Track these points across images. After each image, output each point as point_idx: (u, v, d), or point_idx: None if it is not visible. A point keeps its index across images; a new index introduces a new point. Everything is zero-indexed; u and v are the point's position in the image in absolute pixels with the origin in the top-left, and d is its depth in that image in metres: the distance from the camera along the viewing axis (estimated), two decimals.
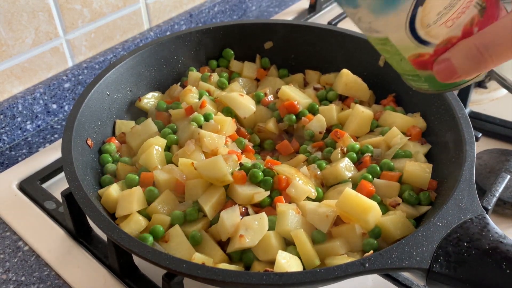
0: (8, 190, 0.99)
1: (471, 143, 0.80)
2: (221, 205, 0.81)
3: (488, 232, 0.65)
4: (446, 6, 0.54)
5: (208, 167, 0.80)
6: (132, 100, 1.03)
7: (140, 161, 0.88)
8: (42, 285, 0.84)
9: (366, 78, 1.03)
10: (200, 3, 1.48)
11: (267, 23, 1.13)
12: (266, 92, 1.03)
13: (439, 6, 0.54)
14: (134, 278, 0.82)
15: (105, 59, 1.26)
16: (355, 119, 0.94)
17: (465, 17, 0.56)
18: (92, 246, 0.88)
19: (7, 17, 1.06)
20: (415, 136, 0.92)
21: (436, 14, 0.55)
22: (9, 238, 0.91)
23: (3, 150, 1.13)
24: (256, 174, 0.81)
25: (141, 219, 0.79)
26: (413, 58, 0.58)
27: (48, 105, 1.18)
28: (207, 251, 0.76)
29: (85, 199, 0.74)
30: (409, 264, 0.64)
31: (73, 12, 1.17)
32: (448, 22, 0.55)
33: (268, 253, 0.73)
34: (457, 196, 0.72)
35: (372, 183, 0.83)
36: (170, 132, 0.94)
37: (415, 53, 0.57)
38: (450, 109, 0.87)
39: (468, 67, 0.52)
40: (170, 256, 0.66)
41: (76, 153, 0.81)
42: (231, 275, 0.63)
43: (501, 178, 0.87)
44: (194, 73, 1.09)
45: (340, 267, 0.63)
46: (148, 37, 1.34)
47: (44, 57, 1.17)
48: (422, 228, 0.68)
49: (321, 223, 0.76)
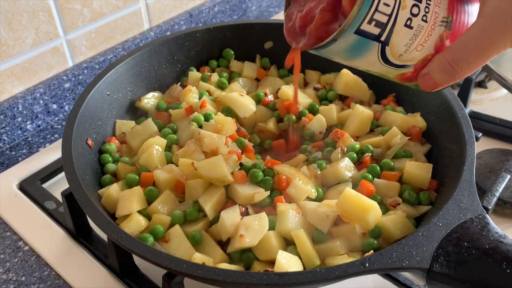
0: (8, 190, 0.99)
1: (471, 143, 0.80)
2: (221, 205, 0.81)
3: (488, 232, 0.65)
4: (411, 37, 0.60)
5: (208, 167, 0.81)
6: (132, 100, 1.03)
7: (140, 161, 0.88)
8: (42, 285, 0.84)
9: (366, 78, 1.03)
10: (200, 3, 1.48)
11: (267, 23, 1.13)
12: (266, 92, 1.03)
13: (404, 40, 0.61)
14: (134, 278, 0.82)
15: (105, 59, 1.26)
16: (355, 119, 0.94)
17: (433, 38, 0.61)
18: (92, 246, 0.88)
19: (7, 17, 1.06)
20: (415, 136, 0.92)
21: (404, 46, 0.60)
22: (9, 238, 0.91)
23: (3, 150, 1.13)
24: (256, 174, 0.81)
25: (141, 219, 0.79)
26: (398, 77, 0.64)
27: (48, 105, 1.19)
28: (207, 251, 0.76)
29: (85, 199, 0.74)
30: (409, 264, 0.64)
31: (73, 12, 1.17)
32: (418, 47, 0.60)
33: (268, 253, 0.73)
34: (457, 196, 0.72)
35: (372, 183, 0.83)
36: (170, 132, 0.94)
37: (397, 74, 0.64)
38: (450, 109, 0.87)
39: (446, 79, 0.60)
40: (170, 256, 0.66)
41: (76, 153, 0.81)
42: (231, 275, 0.63)
43: (501, 178, 0.87)
44: (194, 73, 1.09)
45: (340, 267, 0.63)
46: (148, 37, 1.34)
47: (44, 57, 1.17)
48: (422, 228, 0.68)
49: (321, 223, 0.76)
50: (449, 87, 0.90)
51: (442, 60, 0.59)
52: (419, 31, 0.59)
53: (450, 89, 0.89)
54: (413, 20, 0.59)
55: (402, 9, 0.57)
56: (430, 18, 0.59)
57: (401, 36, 0.59)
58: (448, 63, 0.58)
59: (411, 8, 0.58)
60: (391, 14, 0.58)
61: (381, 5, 0.57)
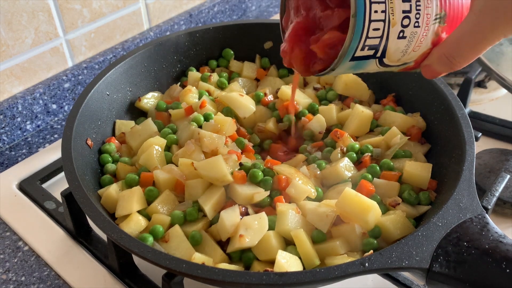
0: (8, 190, 0.99)
1: (471, 143, 0.80)
2: (221, 205, 0.81)
3: (488, 231, 0.65)
4: (406, 44, 0.61)
5: (208, 167, 0.81)
6: (132, 100, 1.03)
7: (140, 161, 0.88)
8: (42, 285, 0.84)
9: (366, 78, 1.03)
10: (200, 3, 1.48)
11: (267, 23, 1.13)
12: (266, 92, 1.03)
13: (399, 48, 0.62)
14: (134, 278, 0.82)
15: (105, 59, 1.26)
16: (355, 119, 0.94)
17: (429, 37, 0.62)
18: (92, 246, 0.88)
19: (7, 17, 1.06)
20: (415, 136, 0.92)
21: (400, 52, 0.62)
22: (9, 238, 0.91)
23: (3, 150, 1.13)
24: (256, 174, 0.81)
25: (141, 219, 0.79)
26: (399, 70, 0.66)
27: (48, 105, 1.19)
28: (207, 251, 0.76)
29: (85, 199, 0.74)
30: (409, 263, 0.64)
31: (73, 12, 1.17)
32: (415, 49, 0.62)
33: (268, 253, 0.73)
34: (457, 195, 0.72)
35: (372, 183, 0.83)
36: (170, 132, 0.94)
37: (399, 69, 0.65)
38: (450, 109, 0.87)
39: (446, 70, 0.63)
40: (170, 256, 0.66)
41: (76, 153, 0.81)
42: (231, 275, 0.63)
43: (501, 178, 0.87)
44: (194, 73, 1.09)
45: (340, 267, 0.63)
46: (148, 37, 1.34)
47: (44, 57, 1.17)
48: (422, 227, 0.68)
49: (321, 223, 0.76)
50: (449, 87, 0.90)
51: (439, 54, 0.62)
52: (413, 37, 0.60)
53: (450, 89, 0.90)
54: (405, 31, 0.59)
55: (392, 26, 0.59)
56: (422, 21, 0.60)
57: (396, 47, 0.60)
58: (446, 57, 0.61)
59: (402, 21, 0.59)
60: (382, 36, 0.59)
61: (371, 32, 0.58)
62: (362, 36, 0.57)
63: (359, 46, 0.58)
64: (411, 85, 0.97)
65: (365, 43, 0.58)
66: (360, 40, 0.58)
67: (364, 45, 0.58)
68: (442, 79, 0.91)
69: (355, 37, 0.57)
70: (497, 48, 1.12)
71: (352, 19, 0.57)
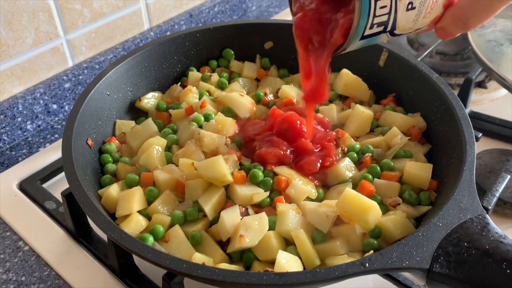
0: (8, 190, 0.99)
1: (471, 143, 0.80)
2: (221, 205, 0.81)
3: (488, 232, 0.65)
4: (416, 14, 0.61)
5: (208, 167, 0.80)
6: (132, 100, 1.03)
7: (140, 161, 0.88)
8: (42, 285, 0.84)
9: (366, 78, 1.03)
10: (200, 3, 1.48)
11: (267, 23, 1.13)
12: (266, 92, 1.03)
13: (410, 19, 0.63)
14: (134, 278, 0.82)
15: (105, 59, 1.26)
16: (355, 119, 0.94)
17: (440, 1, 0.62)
18: (92, 246, 0.88)
19: (7, 17, 1.06)
20: (415, 136, 0.92)
21: (411, 22, 0.62)
22: (9, 238, 0.91)
23: (3, 150, 1.13)
24: (256, 175, 0.81)
25: (141, 219, 0.79)
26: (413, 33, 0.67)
27: (48, 105, 1.19)
28: (207, 251, 0.76)
29: (85, 199, 0.74)
30: (409, 264, 0.64)
31: (73, 12, 1.17)
32: (426, 15, 0.62)
33: (268, 253, 0.73)
34: (457, 196, 0.71)
35: (372, 183, 0.83)
36: (170, 132, 0.94)
37: (412, 33, 0.66)
38: (450, 109, 0.87)
39: (460, 31, 0.65)
40: (170, 256, 0.66)
41: (76, 153, 0.81)
42: (231, 275, 0.63)
43: (501, 178, 0.87)
44: (194, 73, 1.09)
45: (340, 267, 0.63)
46: (148, 37, 1.34)
47: (44, 57, 1.17)
48: (422, 228, 0.68)
49: (321, 223, 0.76)
50: (449, 87, 0.90)
51: (454, 16, 0.64)
52: (423, 5, 0.61)
53: (451, 90, 0.90)
54: (414, 2, 0.59)
55: (400, 1, 0.58)
56: None
57: (406, 19, 0.60)
58: (460, 20, 0.63)
59: None
60: (390, 12, 0.58)
61: (378, 10, 0.57)
62: (369, 16, 0.57)
63: (367, 25, 0.58)
64: (412, 85, 0.97)
65: (373, 21, 0.58)
66: (368, 19, 0.58)
67: (372, 24, 0.58)
68: (442, 79, 0.91)
69: (362, 19, 0.57)
70: (498, 48, 1.12)
71: (358, 2, 0.56)
